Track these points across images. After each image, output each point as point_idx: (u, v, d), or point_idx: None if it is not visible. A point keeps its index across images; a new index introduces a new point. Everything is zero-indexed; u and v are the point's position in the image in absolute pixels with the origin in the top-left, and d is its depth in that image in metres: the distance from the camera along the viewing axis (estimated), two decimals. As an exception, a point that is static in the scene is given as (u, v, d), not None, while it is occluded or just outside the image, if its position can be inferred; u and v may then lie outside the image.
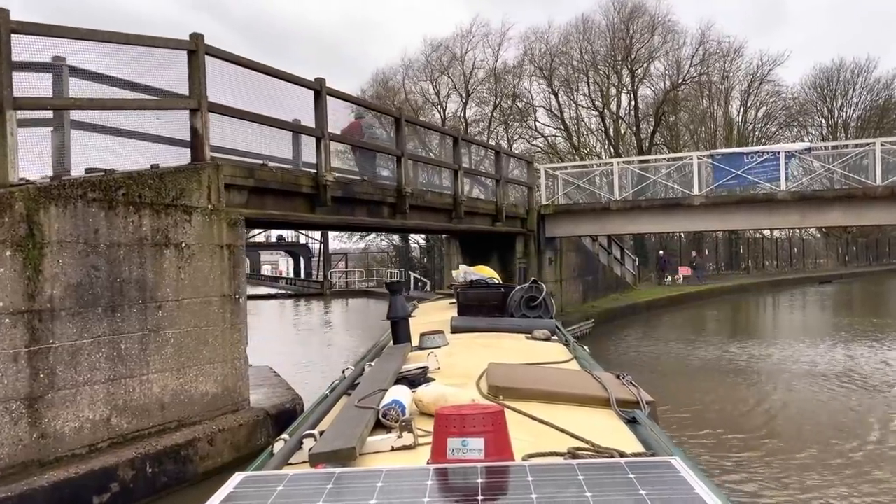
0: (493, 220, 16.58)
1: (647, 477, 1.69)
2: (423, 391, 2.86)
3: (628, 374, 3.46)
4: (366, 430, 2.45)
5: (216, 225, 7.99)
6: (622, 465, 1.81)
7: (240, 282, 8.33)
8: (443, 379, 3.37)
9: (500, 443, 1.94)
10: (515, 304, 6.03)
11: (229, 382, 8.08)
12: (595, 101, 44.50)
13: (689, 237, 44.53)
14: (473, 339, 5.05)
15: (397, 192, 12.07)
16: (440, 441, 1.95)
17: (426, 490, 1.64)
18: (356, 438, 2.31)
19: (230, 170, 8.49)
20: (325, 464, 2.15)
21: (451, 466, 1.84)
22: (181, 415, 7.41)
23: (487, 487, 1.65)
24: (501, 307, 6.13)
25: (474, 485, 1.67)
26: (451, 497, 1.62)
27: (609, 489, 1.62)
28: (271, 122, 9.22)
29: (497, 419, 1.97)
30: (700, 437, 8.98)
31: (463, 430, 1.93)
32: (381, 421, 2.61)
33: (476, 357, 4.00)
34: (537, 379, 3.30)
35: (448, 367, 3.80)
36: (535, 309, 5.98)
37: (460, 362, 3.95)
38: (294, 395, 9.24)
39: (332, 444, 2.29)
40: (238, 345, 8.25)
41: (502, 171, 16.87)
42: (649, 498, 1.55)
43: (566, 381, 3.32)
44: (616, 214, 18.32)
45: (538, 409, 2.79)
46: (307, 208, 10.06)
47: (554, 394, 3.07)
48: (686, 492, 1.59)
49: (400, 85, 45.48)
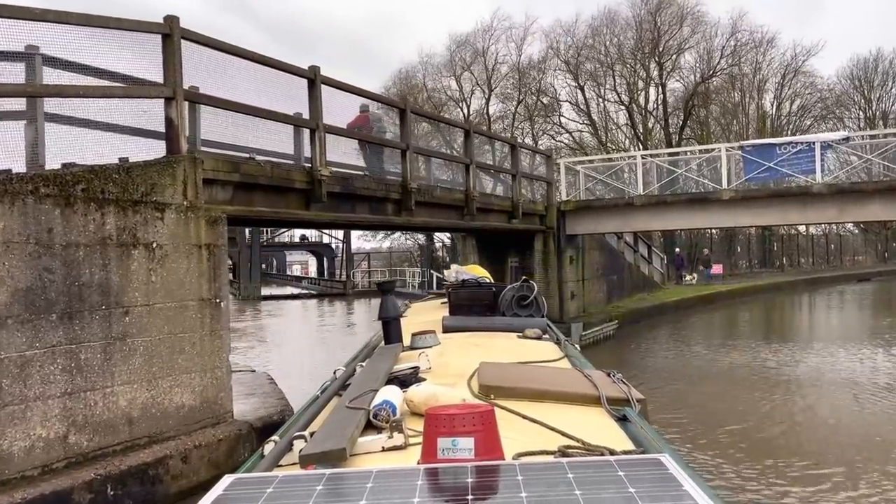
0: (510, 218, 15.81)
1: (636, 475, 1.69)
2: (413, 391, 2.86)
3: (619, 371, 3.45)
4: (356, 430, 2.44)
5: (193, 223, 7.37)
6: (612, 463, 1.81)
7: (221, 284, 7.71)
8: (434, 379, 3.35)
9: (490, 442, 1.94)
10: (507, 304, 5.95)
11: (209, 393, 7.46)
12: (622, 96, 43.43)
13: (720, 234, 43.22)
14: (465, 338, 5.03)
15: (402, 188, 11.40)
16: (430, 441, 1.95)
17: (416, 490, 1.64)
18: (347, 439, 2.29)
19: (212, 164, 7.88)
20: (315, 465, 2.14)
21: (441, 466, 1.84)
22: (152, 430, 6.80)
23: (477, 487, 1.66)
24: (493, 306, 6.05)
25: (464, 484, 1.68)
26: (441, 497, 1.62)
27: (599, 487, 1.63)
28: (259, 113, 8.60)
29: (487, 418, 1.97)
30: (742, 465, 8.18)
31: (453, 429, 1.93)
32: (371, 421, 2.60)
33: (467, 356, 3.97)
34: (528, 378, 3.29)
35: (439, 367, 3.78)
36: (526, 308, 5.92)
37: (452, 362, 3.93)
38: (285, 406, 8.61)
39: (323, 445, 2.27)
40: (219, 352, 7.63)
41: (518, 166, 16.08)
42: (638, 496, 1.55)
43: (557, 380, 3.32)
44: (640, 210, 17.43)
45: (529, 408, 2.78)
46: (301, 205, 9.42)
47: (545, 392, 3.06)
48: (675, 489, 1.60)
49: (423, 82, 44.89)
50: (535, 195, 18.26)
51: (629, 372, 13.89)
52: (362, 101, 11.18)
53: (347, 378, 3.66)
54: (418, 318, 6.48)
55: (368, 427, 2.59)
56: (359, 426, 2.50)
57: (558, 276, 17.66)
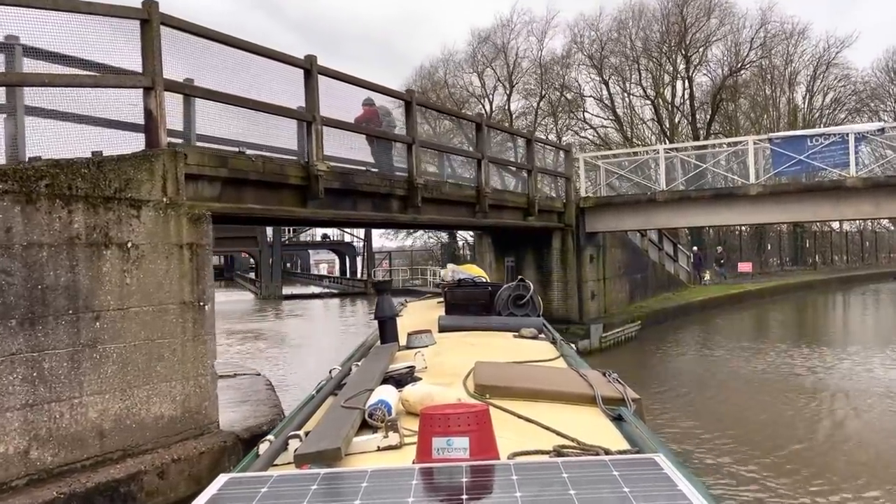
0: (525, 215, 15.21)
1: (631, 475, 1.70)
2: (409, 391, 2.86)
3: (614, 371, 3.42)
4: (351, 430, 2.43)
5: (174, 221, 6.91)
6: (607, 462, 1.83)
7: (205, 286, 7.24)
8: (430, 378, 3.35)
9: (485, 441, 1.95)
10: (503, 303, 5.98)
11: (191, 403, 7.00)
12: (648, 90, 42.49)
13: (749, 231, 42.09)
14: (461, 337, 5.01)
15: (408, 184, 10.87)
16: (425, 440, 1.95)
17: (411, 490, 1.64)
18: (342, 439, 2.28)
19: (196, 158, 7.42)
20: (310, 464, 2.13)
21: (436, 466, 1.84)
22: (127, 443, 6.35)
23: (472, 486, 1.66)
24: (489, 306, 6.08)
25: (459, 484, 1.68)
26: (436, 497, 1.63)
27: (593, 487, 1.64)
28: (248, 104, 8.13)
29: (482, 418, 1.97)
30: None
31: (448, 429, 1.93)
32: (367, 421, 2.58)
33: (463, 356, 3.95)
34: (524, 377, 3.30)
35: (435, 367, 3.76)
36: (522, 307, 5.94)
37: (447, 361, 3.92)
38: (277, 415, 8.13)
39: (318, 445, 2.27)
40: (203, 359, 7.16)
41: (534, 161, 15.45)
42: (633, 495, 1.56)
43: (553, 379, 3.31)
44: (663, 207, 16.70)
45: (524, 408, 2.77)
46: (297, 202, 8.94)
47: (540, 392, 3.07)
48: (669, 489, 1.60)
49: (444, 78, 44.36)
50: (556, 192, 17.63)
51: (651, 378, 13.29)
52: (367, 95, 10.65)
53: (343, 377, 3.66)
54: (414, 317, 6.43)
55: (364, 427, 2.57)
56: (354, 426, 2.48)
57: (577, 276, 17.01)
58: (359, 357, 4.37)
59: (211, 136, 8.45)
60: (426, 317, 6.11)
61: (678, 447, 8.45)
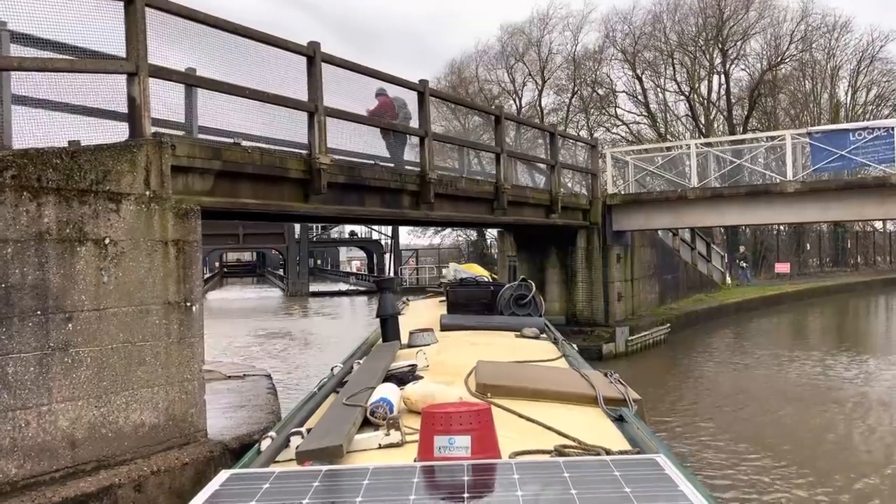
0: (548, 212, 14.57)
1: (632, 475, 1.69)
2: (411, 389, 2.85)
3: (615, 372, 3.41)
4: (353, 427, 2.42)
5: (158, 216, 6.48)
6: (608, 462, 1.82)
7: (193, 286, 6.80)
8: (432, 377, 3.31)
9: (487, 440, 1.94)
10: (505, 303, 5.96)
11: (176, 410, 6.57)
12: (682, 85, 41.37)
13: (788, 230, 40.76)
14: (463, 336, 4.98)
15: (420, 178, 10.34)
16: (427, 439, 1.95)
17: (413, 488, 1.64)
18: (343, 436, 2.27)
19: (186, 149, 6.98)
20: (312, 461, 2.12)
21: (437, 464, 1.84)
22: (102, 453, 5.93)
23: (474, 485, 1.65)
24: (491, 305, 6.06)
25: (461, 482, 1.67)
26: (437, 494, 1.62)
27: (594, 486, 1.63)
28: (244, 93, 7.68)
29: (483, 417, 1.97)
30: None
31: (449, 427, 1.91)
32: (368, 419, 2.58)
33: (465, 355, 3.93)
34: (525, 377, 3.28)
35: (437, 365, 3.74)
36: (524, 307, 5.92)
37: (449, 360, 3.90)
38: (272, 423, 7.66)
39: (320, 442, 2.25)
40: (189, 363, 6.73)
41: (557, 156, 14.81)
42: (634, 495, 1.55)
43: (554, 379, 3.30)
44: (694, 204, 15.92)
45: (526, 407, 2.76)
46: (298, 196, 8.47)
47: (542, 392, 3.05)
48: (670, 489, 1.60)
49: (474, 74, 43.76)
50: (589, 188, 16.95)
51: (680, 388, 12.53)
52: (380, 85, 10.16)
53: (344, 375, 3.65)
54: (416, 316, 6.38)
55: (365, 424, 2.56)
56: (356, 423, 2.47)
57: (603, 276, 16.32)
58: (360, 355, 4.33)
59: (217, 128, 8.06)
60: (428, 316, 6.03)
61: (718, 477, 7.74)
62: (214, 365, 13.30)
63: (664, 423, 9.80)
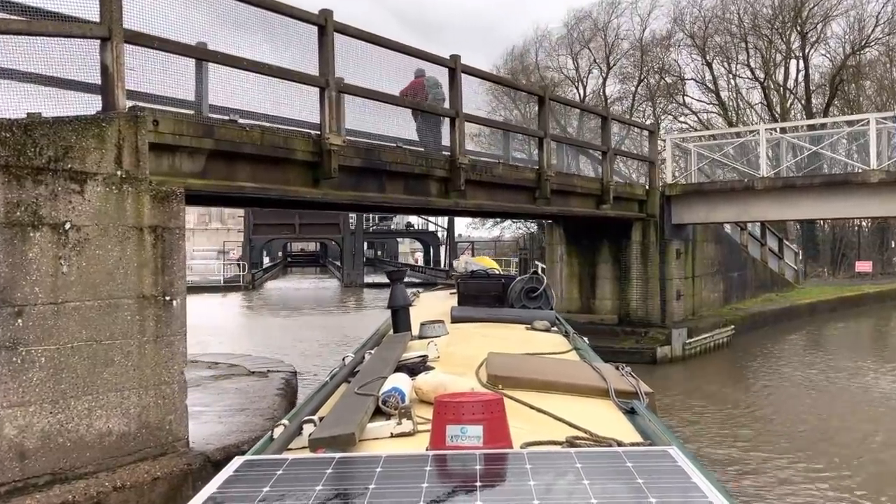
0: (598, 203, 13.43)
1: (644, 466, 1.69)
2: (422, 379, 2.86)
3: (626, 365, 3.39)
4: (365, 416, 2.44)
5: (132, 199, 5.78)
6: (620, 454, 1.82)
7: (174, 277, 6.09)
8: (442, 368, 3.33)
9: (499, 430, 1.95)
10: (515, 295, 5.99)
11: (151, 417, 5.87)
12: (756, 72, 39.02)
13: (870, 226, 38.08)
14: (473, 328, 5.03)
15: (450, 163, 9.42)
16: (439, 428, 1.96)
17: (425, 476, 1.66)
18: (356, 424, 2.30)
19: (170, 126, 6.26)
20: (324, 449, 2.13)
21: (449, 453, 1.85)
22: (58, 465, 5.27)
23: (486, 474, 1.67)
24: (501, 298, 6.11)
25: (473, 471, 1.69)
26: (449, 483, 1.64)
27: (607, 477, 1.64)
28: (241, 65, 6.92)
29: (496, 407, 1.98)
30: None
31: (462, 417, 1.93)
32: (380, 408, 2.60)
33: (476, 346, 3.93)
34: (536, 369, 3.29)
35: (448, 356, 3.74)
36: (535, 300, 5.94)
37: (460, 351, 3.91)
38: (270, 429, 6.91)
39: (332, 430, 2.28)
40: (168, 364, 6.02)
41: (610, 141, 13.63)
42: (647, 486, 1.56)
43: (565, 372, 3.32)
44: (763, 196, 14.48)
45: (537, 399, 2.76)
46: (306, 181, 7.69)
47: (553, 384, 3.06)
48: (683, 481, 1.60)
49: (536, 61, 42.46)
50: (641, 177, 15.72)
51: (745, 402, 11.06)
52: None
53: (356, 365, 3.66)
54: (427, 307, 6.38)
55: (377, 413, 2.58)
56: (368, 412, 2.49)
57: (660, 273, 15.06)
58: (372, 345, 4.37)
59: (224, 106, 7.37)
60: (439, 307, 6.04)
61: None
62: (240, 359, 12.77)
63: (720, 453, 8.49)
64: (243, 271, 40.02)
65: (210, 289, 37.67)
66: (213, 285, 38.56)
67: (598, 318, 15.41)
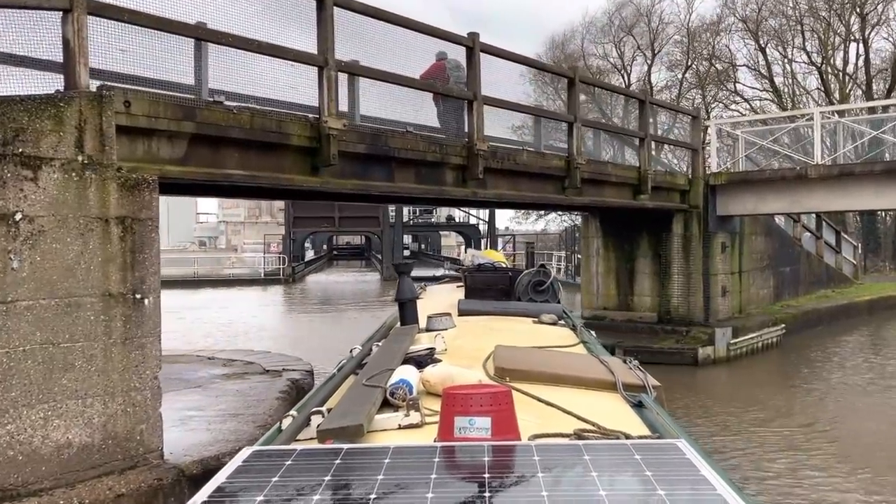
0: (636, 192, 12.55)
1: (653, 459, 1.69)
2: (430, 371, 2.87)
3: (634, 359, 3.39)
4: (373, 408, 2.45)
5: (95, 187, 5.25)
6: (628, 446, 1.81)
7: (146, 273, 5.55)
8: (450, 360, 3.31)
9: (507, 422, 1.96)
10: (523, 289, 5.99)
11: (118, 426, 5.35)
12: (813, 56, 37.15)
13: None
14: (480, 321, 4.99)
15: (467, 150, 8.73)
16: (447, 419, 1.97)
17: (433, 467, 1.67)
18: (364, 416, 2.31)
19: (145, 106, 5.72)
20: (332, 440, 2.12)
21: (457, 444, 1.86)
22: (9, 480, 4.80)
23: (494, 465, 1.68)
24: (509, 291, 6.08)
25: (481, 462, 1.69)
26: (457, 474, 1.65)
27: (615, 470, 1.65)
28: (225, 40, 6.34)
29: (504, 399, 1.99)
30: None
31: (469, 409, 1.94)
32: (388, 400, 2.59)
33: (483, 339, 3.93)
34: (544, 362, 3.32)
35: (455, 349, 3.72)
36: (542, 293, 5.94)
37: (467, 344, 3.91)
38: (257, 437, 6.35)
39: (340, 421, 2.29)
40: (139, 369, 5.49)
41: (647, 127, 12.71)
42: (655, 479, 1.56)
43: (573, 365, 3.32)
44: (817, 185, 13.37)
45: (544, 392, 2.77)
46: (303, 169, 7.10)
47: (560, 377, 3.07)
48: (692, 474, 1.60)
49: (579, 49, 41.28)
50: (693, 167, 14.72)
51: (802, 411, 10.00)
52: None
53: (363, 357, 3.70)
54: (434, 300, 6.37)
55: (385, 405, 2.57)
56: (375, 404, 2.49)
57: (704, 267, 14.07)
58: (379, 338, 4.40)
59: (228, 91, 6.84)
60: (446, 300, 6.03)
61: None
62: (259, 356, 12.35)
63: (762, 476, 7.52)
64: (283, 264, 39.95)
65: (250, 282, 37.71)
66: (253, 278, 38.59)
67: (636, 316, 14.54)
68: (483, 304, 5.62)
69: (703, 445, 2.30)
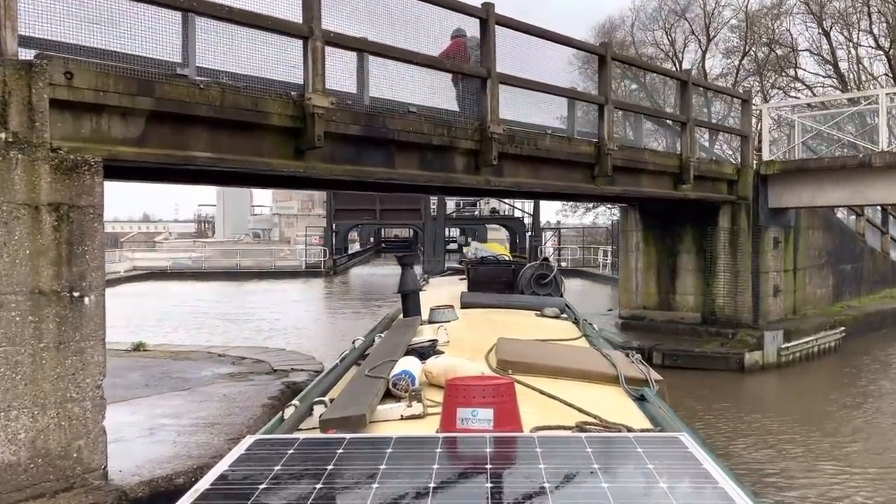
0: (676, 182, 11.47)
1: (654, 451, 1.69)
2: (432, 363, 2.88)
3: (636, 353, 3.40)
4: (376, 398, 2.45)
5: (21, 169, 4.59)
6: (630, 439, 1.83)
7: (86, 269, 4.88)
8: (452, 352, 3.34)
9: (509, 414, 1.96)
10: (525, 282, 5.97)
11: (49, 442, 4.70)
12: (880, 40, 34.91)
13: None
14: (483, 314, 5.04)
15: (480, 133, 7.87)
16: (450, 410, 1.97)
17: (435, 457, 1.67)
18: (366, 406, 2.31)
19: (90, 79, 5.05)
20: (335, 430, 2.11)
21: (459, 435, 1.87)
22: (-90, 505, 4.16)
23: (496, 456, 1.68)
24: (511, 284, 6.12)
25: (483, 453, 1.69)
26: (460, 464, 1.66)
27: (617, 462, 1.67)
28: (196, 7, 5.63)
29: (507, 390, 1.99)
30: None
31: (472, 400, 1.94)
32: (390, 390, 2.61)
33: (485, 332, 3.93)
34: (546, 355, 3.32)
35: (457, 341, 3.75)
36: (544, 287, 5.91)
37: (469, 336, 3.92)
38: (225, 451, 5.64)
39: (343, 411, 2.29)
40: (76, 377, 4.83)
41: (690, 111, 11.59)
42: (657, 471, 1.56)
43: (575, 358, 3.33)
44: (881, 174, 12.03)
45: (547, 384, 2.77)
46: (285, 152, 6.36)
47: (563, 369, 3.07)
48: (693, 466, 1.60)
49: (630, 34, 39.74)
50: (746, 155, 13.51)
51: (864, 428, 8.59)
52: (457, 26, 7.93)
53: (366, 348, 3.70)
54: (437, 293, 6.34)
55: (387, 396, 2.58)
56: (378, 394, 2.50)
57: (753, 264, 12.88)
58: (382, 329, 4.38)
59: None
60: (449, 293, 6.05)
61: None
62: (271, 354, 11.79)
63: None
64: (325, 257, 39.71)
65: (292, 274, 37.59)
66: (294, 270, 38.47)
67: (678, 316, 13.45)
68: (486, 296, 5.66)
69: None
